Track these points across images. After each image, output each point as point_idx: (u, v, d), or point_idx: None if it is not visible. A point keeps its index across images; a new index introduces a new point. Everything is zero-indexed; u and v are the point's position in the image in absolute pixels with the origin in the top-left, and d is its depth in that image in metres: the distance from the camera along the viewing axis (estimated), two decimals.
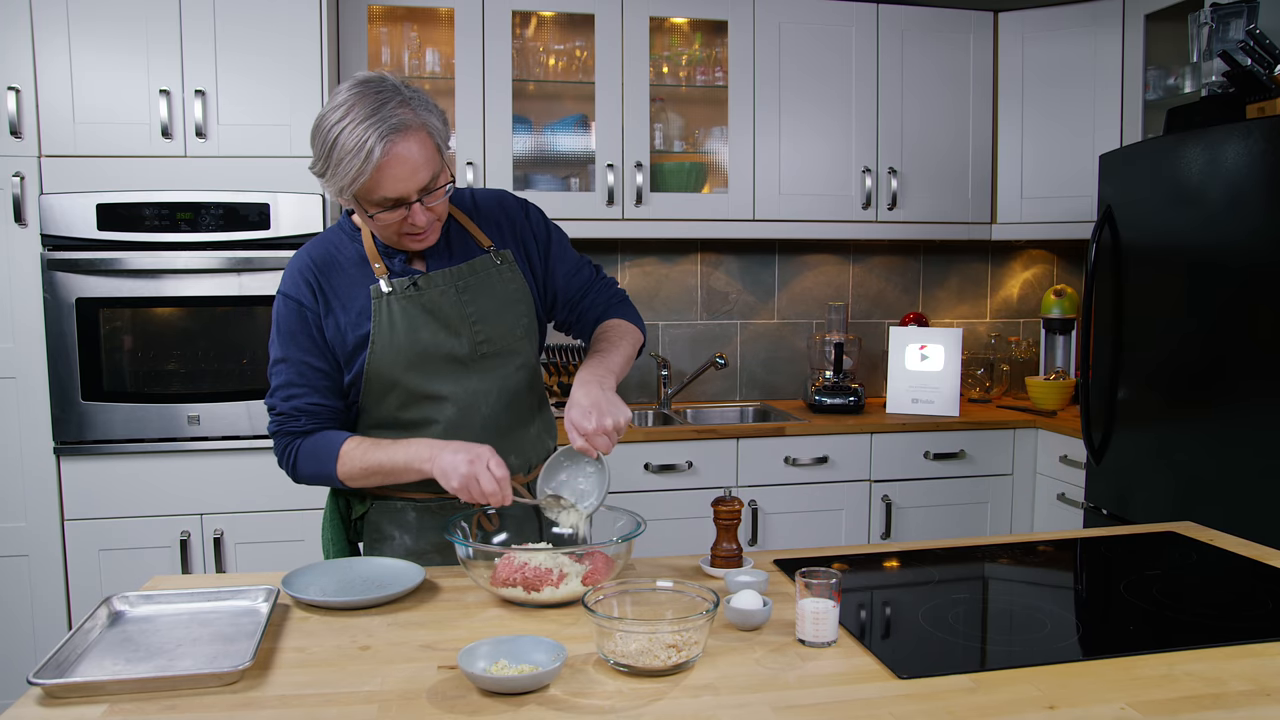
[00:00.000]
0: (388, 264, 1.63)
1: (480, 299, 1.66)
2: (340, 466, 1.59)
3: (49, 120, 2.68)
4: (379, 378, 1.62)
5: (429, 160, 1.50)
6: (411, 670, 1.21)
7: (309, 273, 1.62)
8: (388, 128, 1.44)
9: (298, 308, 1.61)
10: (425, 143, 1.49)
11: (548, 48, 3.33)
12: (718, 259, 3.68)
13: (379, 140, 1.43)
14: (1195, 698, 1.12)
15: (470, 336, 1.65)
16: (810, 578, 1.28)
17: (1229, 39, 2.78)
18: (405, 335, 1.61)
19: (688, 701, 1.12)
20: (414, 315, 1.61)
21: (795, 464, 3.14)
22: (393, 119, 1.44)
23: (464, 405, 1.66)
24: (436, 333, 1.62)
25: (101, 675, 1.18)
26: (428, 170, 1.50)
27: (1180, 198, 2.57)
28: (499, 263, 1.69)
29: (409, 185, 1.49)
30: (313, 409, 1.62)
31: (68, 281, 2.69)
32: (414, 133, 1.47)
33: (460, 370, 1.65)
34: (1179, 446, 2.59)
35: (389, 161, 1.45)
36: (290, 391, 1.61)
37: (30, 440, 2.72)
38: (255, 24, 2.76)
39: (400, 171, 1.47)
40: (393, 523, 1.71)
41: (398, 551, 1.70)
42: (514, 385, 1.71)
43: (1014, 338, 3.87)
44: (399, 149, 1.45)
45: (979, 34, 3.47)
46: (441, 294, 1.63)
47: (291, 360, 1.61)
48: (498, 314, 1.67)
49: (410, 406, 1.65)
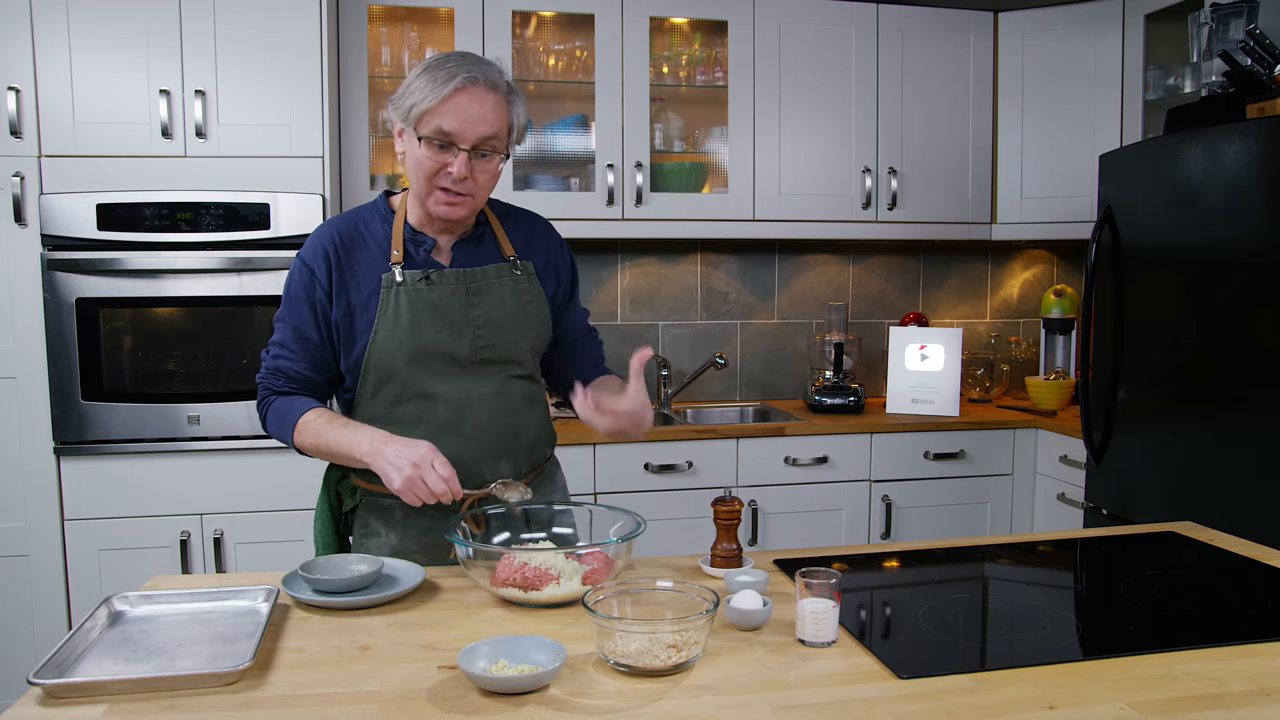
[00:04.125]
0: (411, 252, 1.65)
1: (490, 304, 1.67)
2: (296, 435, 1.65)
3: (49, 120, 2.68)
4: (378, 367, 1.64)
5: (496, 119, 1.57)
6: (411, 670, 1.21)
7: (331, 245, 1.65)
8: (478, 73, 1.55)
9: (310, 277, 1.65)
10: (499, 105, 1.58)
11: (548, 48, 3.33)
12: (718, 259, 3.68)
13: (462, 73, 1.54)
14: (1195, 698, 1.12)
15: (473, 339, 1.65)
16: (810, 578, 1.28)
17: (1229, 39, 2.78)
18: (408, 329, 1.62)
19: (688, 701, 1.12)
20: (420, 310, 1.62)
21: (795, 464, 3.14)
22: (485, 71, 1.56)
23: (457, 406, 1.66)
24: (439, 330, 1.63)
25: (101, 675, 1.18)
26: (489, 126, 1.56)
27: (1180, 198, 2.57)
28: (519, 273, 1.71)
29: (467, 127, 1.55)
30: (293, 373, 1.67)
31: (68, 281, 2.69)
32: (493, 91, 1.57)
33: (457, 372, 1.66)
34: (1179, 446, 2.59)
35: (461, 93, 1.53)
36: (279, 351, 1.68)
37: (30, 440, 2.72)
38: (255, 24, 2.76)
39: (467, 107, 1.54)
40: (379, 519, 1.72)
41: (383, 548, 1.72)
42: (511, 393, 1.71)
43: (1014, 338, 3.87)
44: (475, 89, 1.55)
45: (979, 34, 3.47)
46: (452, 292, 1.65)
47: (288, 323, 1.67)
48: (505, 322, 1.68)
49: (404, 403, 1.65)
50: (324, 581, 1.46)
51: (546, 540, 1.65)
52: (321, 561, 1.55)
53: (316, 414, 1.64)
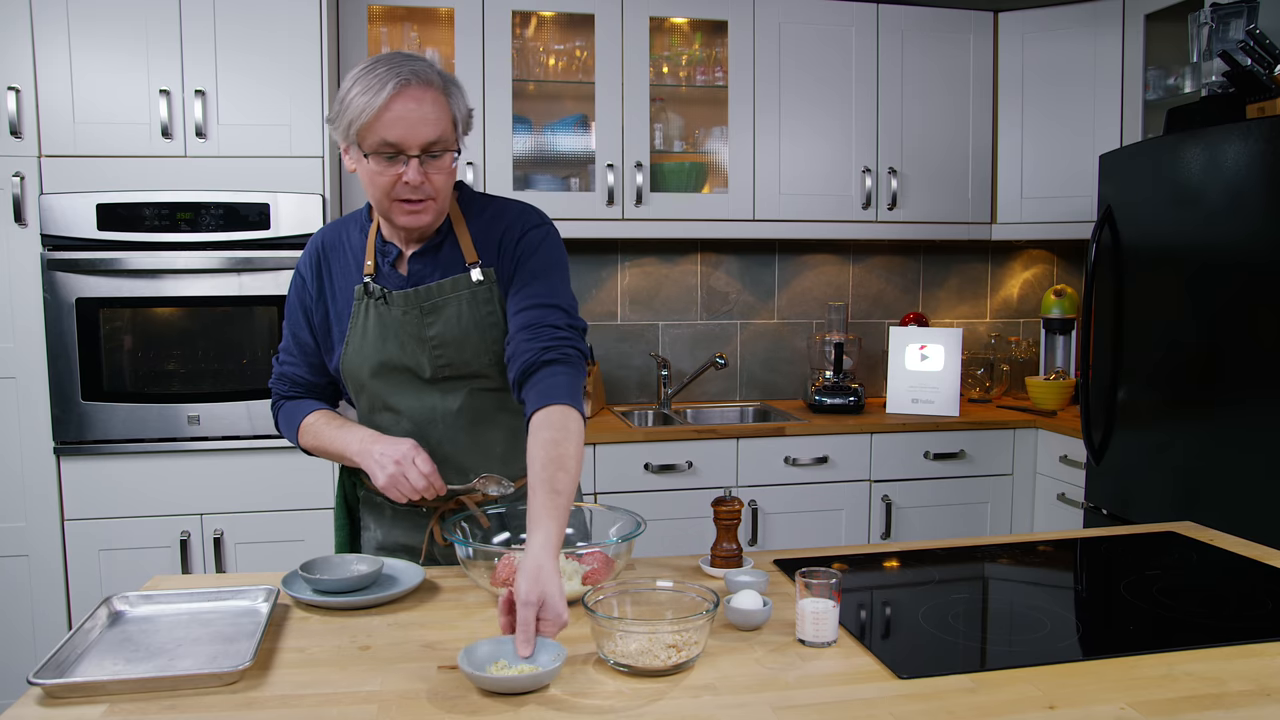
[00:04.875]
0: (379, 262, 1.62)
1: (445, 322, 1.59)
2: (300, 437, 1.68)
3: (49, 120, 2.68)
4: (350, 377, 1.65)
5: (438, 119, 1.48)
6: (411, 670, 1.21)
7: (317, 254, 1.68)
8: (407, 71, 1.46)
9: (301, 284, 1.68)
10: (438, 102, 1.48)
11: (548, 48, 3.32)
12: (718, 259, 3.68)
13: (393, 78, 1.44)
14: (1195, 698, 1.12)
15: (430, 357, 1.60)
16: (810, 578, 1.28)
17: (1229, 39, 2.78)
18: (373, 343, 1.61)
19: (688, 701, 1.12)
20: (386, 325, 1.60)
21: (795, 464, 3.14)
22: (414, 67, 1.47)
23: (420, 421, 1.63)
24: (400, 347, 1.60)
25: (101, 675, 1.18)
26: (434, 128, 1.47)
27: (1180, 198, 2.57)
28: (478, 281, 1.59)
29: (411, 134, 1.46)
30: (296, 378, 1.71)
31: (68, 281, 2.69)
32: (429, 88, 1.47)
33: (421, 386, 1.63)
34: (1179, 446, 2.59)
35: (396, 100, 1.44)
36: (283, 357, 1.72)
37: (30, 440, 2.72)
38: (255, 24, 2.76)
39: (406, 115, 1.45)
40: (370, 514, 1.76)
41: (370, 544, 1.75)
42: (479, 406, 1.65)
43: (1014, 338, 3.87)
44: (410, 92, 1.45)
45: (979, 34, 3.47)
46: (404, 313, 1.59)
47: (289, 329, 1.71)
48: (463, 339, 1.59)
49: (376, 412, 1.67)
50: (324, 581, 1.46)
51: None
52: (321, 561, 1.55)
53: (317, 416, 1.67)
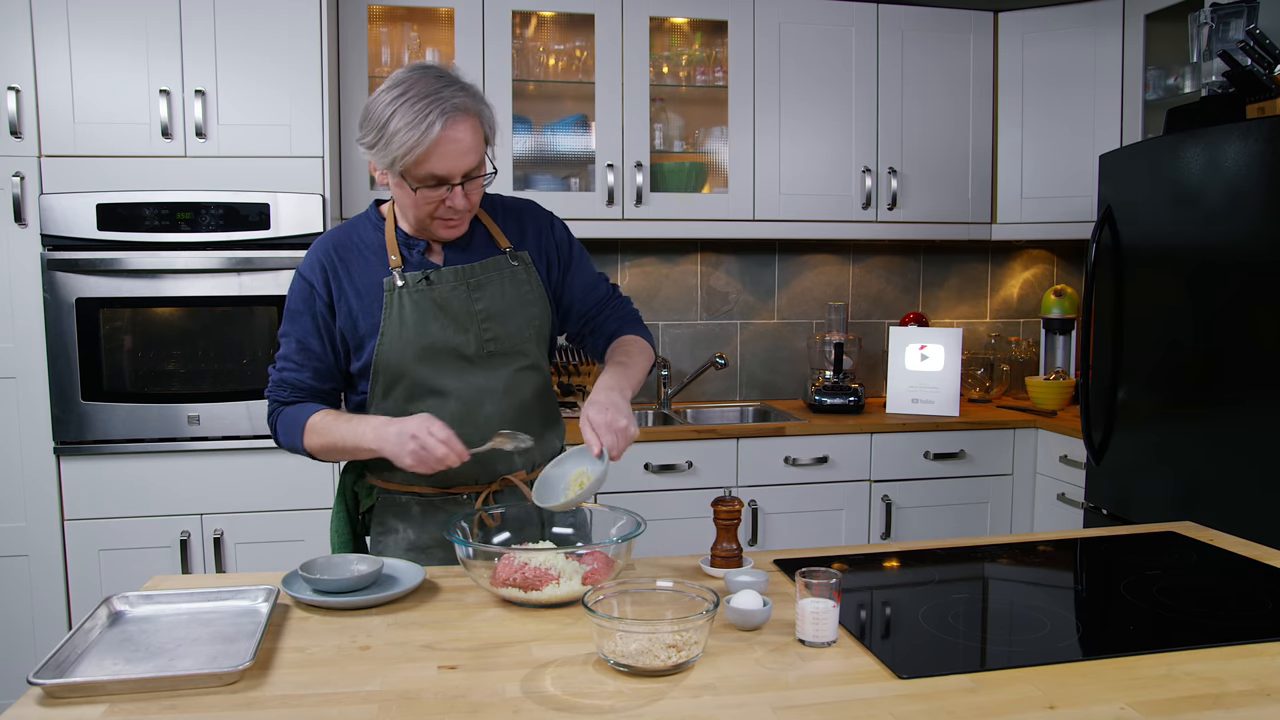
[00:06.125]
0: (405, 255, 1.68)
1: (491, 297, 1.69)
2: (305, 439, 1.67)
3: (49, 120, 2.68)
4: (387, 368, 1.66)
5: (477, 146, 1.57)
6: (411, 670, 1.21)
7: (327, 258, 1.69)
8: (450, 106, 1.52)
9: (309, 290, 1.68)
10: (476, 129, 1.57)
11: (548, 48, 3.33)
12: (718, 259, 3.68)
13: (439, 117, 1.51)
14: (1195, 698, 1.12)
15: (478, 334, 1.68)
16: (810, 578, 1.28)
17: (1229, 39, 2.78)
18: (414, 328, 1.65)
19: (688, 701, 1.12)
20: (424, 309, 1.65)
21: (795, 464, 3.14)
22: (454, 99, 1.53)
23: (468, 402, 1.68)
24: (445, 328, 1.66)
25: (101, 675, 1.18)
26: (475, 155, 1.57)
27: (1180, 198, 2.57)
28: (515, 264, 1.73)
29: (457, 165, 1.55)
30: (298, 384, 1.70)
31: (68, 281, 2.69)
32: (469, 117, 1.55)
33: (466, 367, 1.68)
34: (1179, 446, 2.59)
35: (444, 138, 1.51)
36: (284, 364, 1.71)
37: (30, 440, 2.72)
38: (255, 24, 2.76)
39: (453, 150, 1.53)
40: (396, 516, 1.74)
41: (400, 545, 1.73)
42: (520, 385, 1.73)
43: (1014, 338, 3.87)
44: (456, 129, 1.53)
45: (979, 34, 3.47)
46: (452, 290, 1.66)
47: (292, 336, 1.70)
48: (508, 314, 1.70)
49: (416, 400, 1.68)
50: (324, 581, 1.46)
51: (546, 540, 1.65)
52: (321, 561, 1.55)
53: (323, 415, 1.67)
